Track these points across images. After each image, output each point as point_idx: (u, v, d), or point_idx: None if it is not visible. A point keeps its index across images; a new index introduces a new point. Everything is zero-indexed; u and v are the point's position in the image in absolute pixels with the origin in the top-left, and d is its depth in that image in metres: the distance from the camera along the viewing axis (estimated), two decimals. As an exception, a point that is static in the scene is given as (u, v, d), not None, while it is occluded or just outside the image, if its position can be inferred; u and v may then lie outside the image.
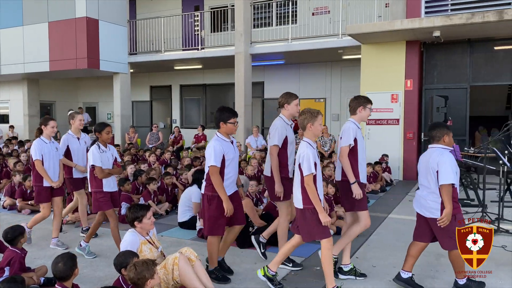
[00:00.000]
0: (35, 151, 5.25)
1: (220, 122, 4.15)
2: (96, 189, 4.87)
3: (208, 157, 4.06)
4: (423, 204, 3.90)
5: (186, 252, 3.81)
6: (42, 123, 5.39)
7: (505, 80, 10.13)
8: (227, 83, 15.04)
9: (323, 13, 13.49)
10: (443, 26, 8.71)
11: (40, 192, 5.32)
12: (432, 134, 3.93)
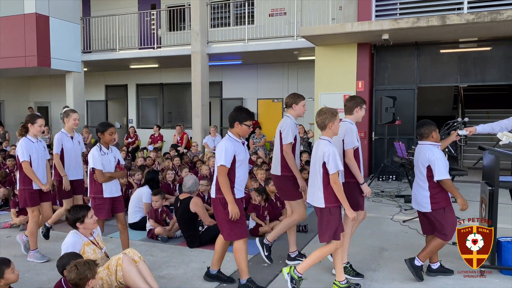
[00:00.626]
0: (22, 152, 4.79)
1: (235, 122, 3.92)
2: (96, 194, 4.49)
3: (218, 156, 3.83)
4: (417, 200, 4.23)
5: (130, 253, 3.78)
6: (29, 121, 4.93)
7: (450, 81, 10.63)
8: (185, 82, 14.95)
9: (280, 14, 13.68)
10: (391, 29, 9.05)
11: (29, 196, 4.87)
12: (421, 131, 4.19)
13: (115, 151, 4.70)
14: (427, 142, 4.16)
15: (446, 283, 4.18)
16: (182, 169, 8.16)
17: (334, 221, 3.76)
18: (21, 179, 4.91)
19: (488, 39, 9.90)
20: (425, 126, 4.18)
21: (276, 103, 14.89)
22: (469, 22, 8.44)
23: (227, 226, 3.88)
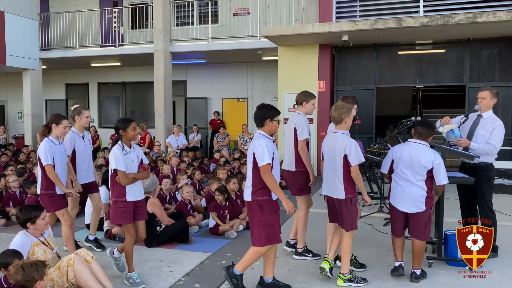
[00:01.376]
0: (45, 154, 4.47)
1: (266, 120, 3.78)
2: (118, 198, 4.04)
3: (260, 156, 3.62)
4: (413, 200, 4.04)
5: (82, 253, 3.73)
6: (53, 121, 4.59)
7: (408, 82, 11.02)
8: (148, 81, 14.73)
9: (244, 14, 13.73)
10: (350, 31, 9.28)
11: (52, 200, 4.56)
12: (422, 131, 4.07)
13: (137, 149, 4.23)
14: (424, 143, 4.07)
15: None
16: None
17: (354, 210, 4.05)
18: (43, 183, 4.57)
19: (442, 41, 10.32)
20: (429, 128, 4.09)
21: (241, 103, 14.94)
22: (423, 25, 8.77)
23: (262, 231, 3.70)
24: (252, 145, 3.76)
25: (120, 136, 4.06)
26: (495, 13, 8.38)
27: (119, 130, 4.03)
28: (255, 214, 3.74)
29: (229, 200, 6.21)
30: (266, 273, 3.95)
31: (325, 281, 4.19)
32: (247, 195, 3.77)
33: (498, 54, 9.97)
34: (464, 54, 10.17)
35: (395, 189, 4.15)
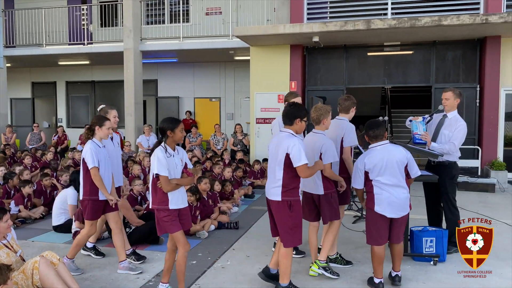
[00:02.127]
0: (91, 157, 4.22)
1: (297, 119, 3.74)
2: (159, 205, 3.68)
3: (297, 156, 3.58)
4: (401, 204, 3.86)
5: (48, 255, 3.64)
6: (96, 123, 4.36)
7: (377, 82, 11.24)
8: (118, 80, 14.48)
9: (216, 13, 13.69)
10: (320, 32, 9.40)
11: (93, 207, 4.32)
12: (376, 133, 3.92)
13: (181, 152, 3.85)
14: (386, 142, 3.94)
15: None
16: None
17: (334, 203, 4.21)
18: (86, 188, 4.32)
19: (410, 43, 10.59)
20: (380, 127, 3.95)
21: (213, 102, 14.90)
22: (391, 27, 8.98)
23: (291, 232, 3.68)
24: (281, 144, 3.69)
25: (166, 137, 3.69)
26: (459, 17, 8.68)
27: (167, 131, 3.66)
28: (284, 214, 3.70)
29: (200, 200, 6.19)
30: (275, 264, 4.03)
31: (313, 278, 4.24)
32: (275, 195, 3.71)
33: (462, 56, 10.32)
34: (430, 56, 10.48)
35: (380, 195, 3.87)
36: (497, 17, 8.50)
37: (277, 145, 3.74)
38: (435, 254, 4.65)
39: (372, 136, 3.93)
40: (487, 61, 9.77)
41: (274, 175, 3.74)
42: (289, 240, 3.69)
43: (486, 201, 7.92)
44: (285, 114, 3.82)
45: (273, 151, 3.77)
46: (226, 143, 11.89)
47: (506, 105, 10.18)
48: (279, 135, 3.84)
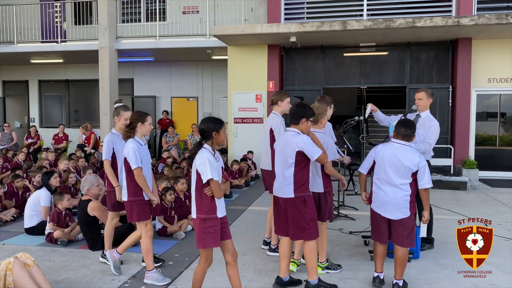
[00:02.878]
0: (135, 157, 4.00)
1: (303, 119, 3.78)
2: (208, 215, 3.33)
3: (311, 150, 3.66)
4: (398, 205, 3.83)
5: (22, 257, 3.55)
6: (138, 120, 4.10)
7: (353, 83, 11.40)
8: (93, 79, 14.20)
9: (193, 12, 13.59)
10: (297, 32, 9.46)
11: (141, 208, 4.12)
12: (407, 132, 3.87)
13: (217, 154, 3.51)
14: (408, 144, 3.88)
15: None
16: (86, 170, 7.79)
17: (331, 201, 4.30)
18: (131, 189, 4.11)
19: (385, 44, 10.78)
20: (413, 129, 3.92)
21: (190, 102, 14.79)
22: (367, 28, 9.11)
23: (309, 226, 3.73)
24: (288, 143, 3.75)
25: (210, 139, 3.37)
26: (432, 19, 8.88)
27: (212, 132, 3.35)
28: (298, 210, 3.74)
29: (176, 200, 6.14)
30: (286, 271, 3.99)
31: (273, 278, 4.25)
32: (287, 193, 3.75)
33: (435, 57, 10.57)
34: (404, 56, 10.68)
35: (377, 194, 3.95)
36: (468, 19, 8.73)
37: (284, 144, 3.81)
38: (410, 251, 4.73)
39: (402, 133, 3.89)
40: (459, 62, 10.04)
41: (283, 173, 3.79)
42: (308, 234, 3.76)
43: (458, 198, 8.13)
44: (292, 114, 3.87)
45: (281, 150, 3.84)
46: (204, 143, 11.82)
47: (477, 105, 10.49)
48: (285, 135, 3.89)
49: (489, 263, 4.58)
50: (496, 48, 10.13)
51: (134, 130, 4.10)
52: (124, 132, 4.15)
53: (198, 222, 3.36)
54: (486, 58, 10.18)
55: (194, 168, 3.35)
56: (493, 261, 4.69)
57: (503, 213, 6.96)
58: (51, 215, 5.56)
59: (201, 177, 3.29)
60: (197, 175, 3.32)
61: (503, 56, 10.14)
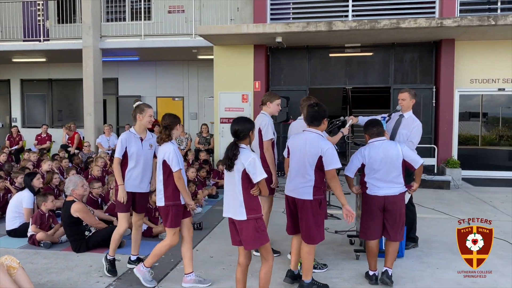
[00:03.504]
0: (176, 159, 3.88)
1: (324, 119, 3.87)
2: (257, 214, 3.39)
3: (331, 159, 3.67)
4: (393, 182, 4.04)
5: (7, 259, 3.49)
6: (175, 122, 4.02)
7: (338, 83, 11.47)
8: (76, 78, 14.00)
9: (178, 12, 13.51)
10: (283, 32, 9.48)
11: (176, 213, 3.99)
12: (378, 130, 4.18)
13: None
14: (384, 138, 4.20)
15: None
16: (69, 171, 7.68)
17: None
18: (169, 193, 3.94)
19: (370, 45, 10.87)
20: (381, 125, 4.23)
21: (176, 102, 14.69)
22: (352, 29, 9.18)
23: (319, 229, 3.81)
24: (313, 145, 3.72)
25: (248, 139, 3.42)
26: (416, 20, 8.99)
27: (249, 131, 3.40)
28: (314, 212, 3.76)
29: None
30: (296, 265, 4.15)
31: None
32: (306, 194, 3.75)
33: (419, 58, 10.70)
34: (389, 57, 10.80)
35: (373, 187, 4.08)
36: (451, 21, 8.87)
37: (307, 145, 3.76)
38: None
39: (376, 133, 4.15)
40: (442, 63, 10.18)
41: (303, 175, 3.76)
42: (317, 236, 3.80)
43: (442, 197, 8.25)
44: (314, 115, 3.83)
45: (301, 151, 3.78)
46: (190, 143, 11.78)
47: (460, 105, 10.67)
48: (305, 135, 3.83)
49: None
50: (479, 49, 10.32)
51: (170, 133, 3.99)
52: (160, 136, 3.99)
53: (251, 223, 3.35)
54: (468, 59, 10.35)
55: (238, 169, 3.33)
56: (476, 259, 4.78)
57: (485, 211, 7.09)
58: (33, 217, 5.48)
59: (249, 177, 3.31)
60: (244, 175, 3.33)
61: (485, 57, 10.32)
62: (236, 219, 3.38)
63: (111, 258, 4.37)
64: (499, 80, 10.37)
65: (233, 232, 3.48)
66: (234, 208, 3.39)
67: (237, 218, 3.37)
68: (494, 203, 7.75)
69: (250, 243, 3.38)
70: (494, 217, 6.73)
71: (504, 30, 9.21)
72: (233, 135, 3.37)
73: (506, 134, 10.95)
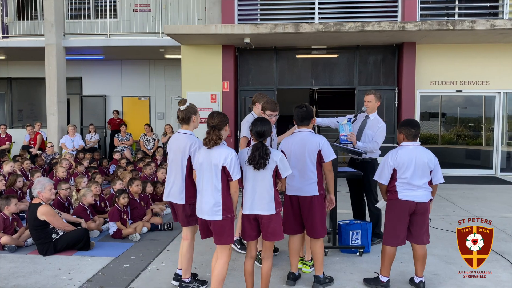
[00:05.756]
0: (238, 167, 3.60)
1: (312, 118, 4.05)
2: (280, 207, 3.60)
3: (328, 152, 3.85)
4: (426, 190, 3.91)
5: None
6: (226, 121, 3.60)
7: (305, 84, 11.66)
8: (38, 77, 13.60)
9: (145, 10, 13.35)
10: (252, 33, 9.57)
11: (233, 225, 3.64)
12: (418, 132, 3.94)
13: None
14: (417, 143, 3.96)
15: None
16: (34, 173, 7.46)
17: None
18: (229, 204, 3.52)
19: (335, 47, 11.13)
20: (419, 127, 3.99)
21: (142, 101, 14.50)
22: (318, 31, 9.38)
23: (324, 223, 3.94)
24: (309, 142, 3.84)
25: (267, 138, 3.57)
26: (380, 23, 9.30)
27: (270, 133, 3.63)
28: (320, 207, 3.91)
29: (130, 203, 6.05)
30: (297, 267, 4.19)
31: (231, 276, 4.32)
32: (312, 191, 3.86)
33: (382, 60, 11.06)
34: (354, 59, 11.10)
35: (402, 192, 3.89)
36: (412, 25, 9.23)
37: (305, 143, 3.86)
38: (361, 245, 4.98)
39: (414, 134, 3.92)
40: (404, 65, 10.58)
41: (305, 172, 3.86)
42: (322, 231, 3.93)
43: (404, 195, 8.56)
44: (303, 116, 3.96)
45: (300, 149, 3.86)
46: (157, 143, 11.68)
47: (420, 105, 11.11)
48: (299, 135, 3.92)
49: (432, 254, 4.93)
50: (438, 53, 10.79)
51: (220, 134, 3.55)
52: (209, 137, 3.47)
53: (278, 216, 3.57)
54: (429, 62, 10.81)
55: (270, 167, 3.46)
56: (436, 253, 5.04)
57: (444, 207, 7.45)
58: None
59: (279, 172, 3.50)
60: (274, 172, 3.50)
61: (444, 60, 10.81)
62: (266, 214, 3.50)
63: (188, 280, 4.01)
64: (457, 82, 10.90)
65: (252, 228, 3.57)
66: (263, 204, 3.50)
67: (267, 213, 3.50)
68: (452, 199, 8.15)
69: (278, 234, 3.57)
70: (453, 212, 7.09)
71: (461, 34, 9.68)
72: (259, 136, 3.50)
73: (463, 133, 11.50)
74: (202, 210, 3.51)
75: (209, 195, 3.46)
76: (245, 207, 3.55)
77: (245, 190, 3.55)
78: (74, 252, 4.98)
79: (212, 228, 3.52)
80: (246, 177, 3.54)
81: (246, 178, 3.54)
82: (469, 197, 8.33)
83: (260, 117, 3.66)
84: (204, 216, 3.50)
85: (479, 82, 10.88)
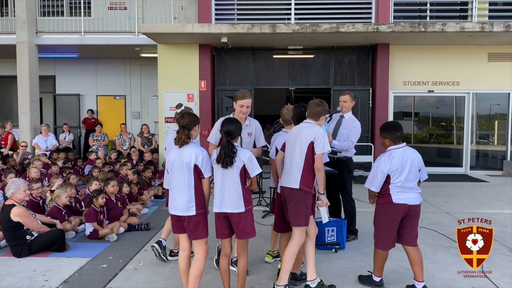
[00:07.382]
0: (210, 164, 3.63)
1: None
2: (251, 206, 3.66)
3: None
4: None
5: None
6: (196, 122, 3.65)
7: (282, 84, 11.78)
8: (9, 75, 13.24)
9: (120, 8, 13.18)
10: (229, 33, 9.60)
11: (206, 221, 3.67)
12: (401, 133, 3.90)
13: None
14: (403, 145, 3.94)
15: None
16: (7, 174, 7.29)
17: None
18: (202, 201, 3.55)
19: (311, 47, 11.28)
20: (401, 129, 3.93)
21: (118, 100, 14.32)
22: (294, 32, 9.50)
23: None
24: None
25: (237, 137, 3.60)
26: (354, 25, 9.48)
27: (240, 131, 3.65)
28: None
29: (107, 203, 6.00)
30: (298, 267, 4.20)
31: (209, 275, 4.35)
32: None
33: (357, 61, 11.28)
34: (329, 60, 11.27)
35: (396, 195, 3.87)
36: (386, 26, 9.45)
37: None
38: (336, 242, 5.10)
39: (399, 137, 3.88)
40: (378, 66, 10.81)
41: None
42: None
43: (378, 192, 8.76)
44: (300, 115, 4.03)
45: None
46: (133, 143, 11.56)
47: (394, 105, 11.39)
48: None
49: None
50: (411, 54, 11.08)
51: (189, 133, 3.55)
52: (178, 136, 3.50)
53: (249, 214, 3.59)
54: (402, 63, 11.09)
55: (237, 165, 3.50)
56: (409, 248, 5.18)
57: (416, 205, 7.65)
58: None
59: (247, 171, 3.52)
60: (242, 171, 3.53)
61: (416, 61, 11.11)
62: (234, 212, 3.53)
63: None
64: (428, 82, 11.22)
65: (223, 226, 3.62)
66: (231, 203, 3.53)
67: (236, 211, 3.53)
68: (424, 196, 8.39)
69: (248, 232, 3.59)
70: (425, 209, 7.29)
71: (433, 36, 9.97)
72: (226, 135, 3.53)
73: (435, 132, 11.85)
74: (176, 206, 3.56)
75: (182, 192, 3.52)
76: (215, 205, 3.60)
77: (215, 188, 3.62)
78: (50, 253, 4.92)
79: (185, 224, 3.57)
80: (215, 176, 3.61)
81: (215, 176, 3.61)
82: (440, 194, 8.60)
83: (229, 117, 3.68)
84: (177, 212, 3.55)
85: (450, 83, 11.23)
